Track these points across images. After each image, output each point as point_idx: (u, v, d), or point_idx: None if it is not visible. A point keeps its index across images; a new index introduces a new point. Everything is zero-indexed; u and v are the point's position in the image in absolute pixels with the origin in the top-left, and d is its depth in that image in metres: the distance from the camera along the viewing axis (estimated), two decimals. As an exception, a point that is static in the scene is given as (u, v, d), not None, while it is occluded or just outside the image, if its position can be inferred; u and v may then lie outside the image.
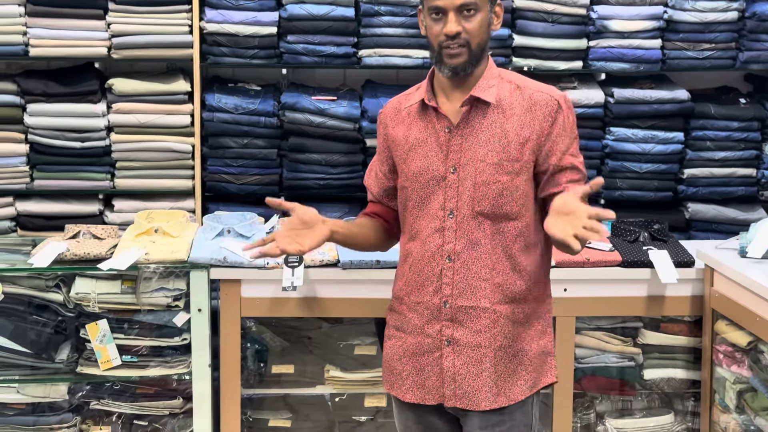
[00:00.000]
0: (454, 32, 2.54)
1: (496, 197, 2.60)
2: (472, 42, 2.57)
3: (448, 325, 2.67)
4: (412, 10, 4.45)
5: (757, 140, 4.62)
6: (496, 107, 2.62)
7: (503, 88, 2.65)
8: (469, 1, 2.54)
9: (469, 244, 2.63)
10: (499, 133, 2.60)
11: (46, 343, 3.81)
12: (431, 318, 2.69)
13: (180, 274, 3.75)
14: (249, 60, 4.47)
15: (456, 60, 2.57)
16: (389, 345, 2.81)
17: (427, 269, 2.68)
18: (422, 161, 2.67)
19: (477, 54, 2.59)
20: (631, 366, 3.98)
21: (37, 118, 4.40)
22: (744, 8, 4.53)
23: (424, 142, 2.67)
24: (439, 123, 2.66)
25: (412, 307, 2.72)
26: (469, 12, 2.55)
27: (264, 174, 4.52)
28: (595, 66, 4.56)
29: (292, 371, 4.04)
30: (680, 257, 3.85)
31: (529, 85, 2.67)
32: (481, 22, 2.57)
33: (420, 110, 2.71)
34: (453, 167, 2.63)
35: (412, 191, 2.69)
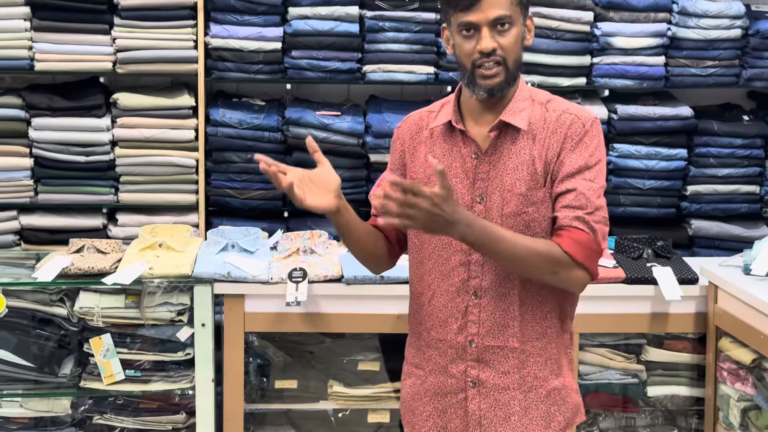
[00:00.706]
0: (490, 49, 2.32)
1: (523, 230, 2.38)
2: (509, 59, 2.35)
3: (474, 365, 2.45)
4: (416, 26, 4.47)
5: (760, 157, 4.63)
6: (525, 133, 2.40)
7: (534, 110, 2.43)
8: (503, 14, 2.32)
9: (497, 280, 2.41)
10: (528, 160, 2.39)
11: (50, 357, 3.80)
12: (455, 357, 2.47)
13: (184, 288, 3.75)
14: (253, 75, 4.48)
15: (492, 80, 2.35)
16: (408, 383, 2.60)
17: (451, 305, 2.46)
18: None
19: (513, 72, 2.38)
20: (635, 383, 3.97)
21: (42, 132, 4.41)
22: (747, 26, 4.55)
23: (448, 168, 2.43)
24: (465, 148, 2.43)
25: (433, 345, 2.51)
26: (503, 26, 2.33)
27: (267, 189, 4.52)
28: (599, 82, 4.57)
29: (295, 386, 4.03)
30: (684, 274, 3.84)
31: (559, 107, 2.44)
32: (516, 36, 2.35)
33: (445, 132, 2.48)
34: (480, 196, 2.41)
35: None
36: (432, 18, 4.46)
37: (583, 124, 2.39)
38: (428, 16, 4.46)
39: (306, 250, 3.96)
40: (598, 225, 2.35)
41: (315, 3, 4.44)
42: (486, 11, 2.31)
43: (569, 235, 2.33)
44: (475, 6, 2.31)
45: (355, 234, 2.54)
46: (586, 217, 2.34)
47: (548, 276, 2.34)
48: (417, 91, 4.78)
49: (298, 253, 3.96)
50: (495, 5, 2.31)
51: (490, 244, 2.27)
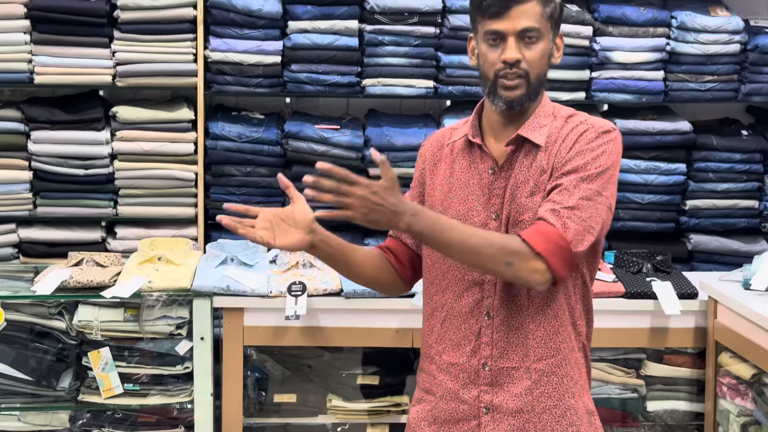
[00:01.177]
0: (514, 59, 2.25)
1: None
2: (532, 73, 2.28)
3: (487, 390, 2.35)
4: (415, 40, 4.47)
5: (759, 172, 4.63)
6: (544, 149, 2.32)
7: (554, 126, 2.35)
8: (532, 26, 2.25)
9: (508, 298, 2.32)
10: (537, 172, 2.31)
11: (48, 370, 3.80)
12: (468, 382, 2.37)
13: (183, 302, 3.75)
14: (253, 88, 4.48)
15: (513, 92, 2.28)
16: (417, 409, 2.48)
17: (464, 327, 2.37)
18: (462, 206, 2.37)
19: (535, 87, 2.30)
20: (635, 397, 3.97)
21: (41, 145, 4.40)
22: (746, 41, 4.55)
23: (466, 184, 2.37)
24: (482, 163, 2.37)
25: (445, 369, 2.40)
26: (530, 39, 2.26)
27: (267, 202, 4.51)
28: (598, 97, 4.57)
29: (294, 400, 4.03)
30: (683, 289, 3.84)
31: (581, 118, 2.37)
32: (542, 51, 2.28)
33: (465, 147, 2.41)
34: (495, 213, 2.33)
35: None
36: (431, 32, 4.47)
37: (596, 132, 2.31)
38: (427, 30, 4.47)
39: (305, 263, 3.96)
40: (571, 222, 2.21)
41: (314, 17, 4.45)
42: (514, 21, 2.25)
43: (535, 227, 2.21)
44: (503, 14, 2.25)
45: (345, 264, 2.47)
46: (562, 210, 2.21)
47: (502, 267, 2.18)
48: (416, 105, 4.79)
49: (298, 267, 3.95)
50: (524, 15, 2.25)
51: (439, 234, 2.16)
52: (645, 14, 4.55)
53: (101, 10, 4.37)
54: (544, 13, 2.27)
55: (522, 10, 2.25)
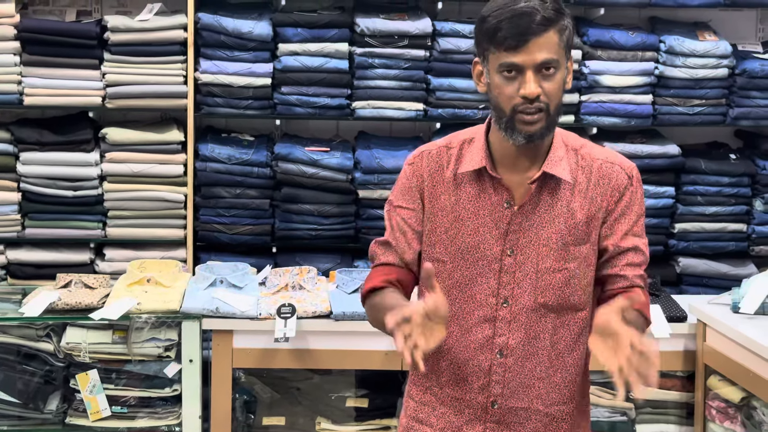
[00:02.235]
0: (535, 95, 2.10)
1: (562, 287, 2.21)
2: (551, 105, 2.13)
3: (494, 427, 2.27)
4: (405, 63, 4.48)
5: (747, 196, 4.65)
6: (567, 183, 2.22)
7: (570, 158, 2.25)
8: (551, 58, 2.11)
9: (526, 339, 2.23)
10: (566, 212, 2.21)
11: (35, 393, 3.78)
12: (473, 418, 2.28)
13: (172, 324, 3.74)
14: (243, 110, 4.49)
15: (533, 127, 2.13)
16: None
17: (472, 363, 2.26)
18: (472, 237, 2.24)
19: (554, 119, 2.17)
20: (624, 421, 3.96)
21: (30, 166, 4.40)
22: (734, 65, 4.58)
23: (476, 215, 2.24)
24: (496, 195, 2.24)
25: (448, 402, 2.31)
26: (548, 70, 2.12)
27: (256, 224, 4.51)
28: (587, 120, 4.59)
29: (282, 423, 4.01)
30: (673, 312, 3.85)
31: (595, 154, 2.26)
32: (561, 81, 2.15)
33: (473, 176, 2.27)
34: (511, 249, 2.22)
35: (455, 269, 2.26)
36: (421, 55, 4.49)
37: (627, 176, 2.24)
38: (417, 53, 4.48)
39: (295, 285, 3.96)
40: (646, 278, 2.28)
41: (305, 39, 4.46)
42: (533, 54, 2.10)
43: (638, 296, 2.06)
44: (522, 47, 2.10)
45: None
46: (644, 273, 2.25)
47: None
48: (406, 127, 4.80)
49: (287, 289, 3.95)
50: (543, 47, 2.10)
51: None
52: (633, 38, 4.57)
53: (91, 31, 4.38)
54: (560, 42, 2.14)
55: (540, 42, 2.10)
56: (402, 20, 4.50)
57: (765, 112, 4.62)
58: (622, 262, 2.22)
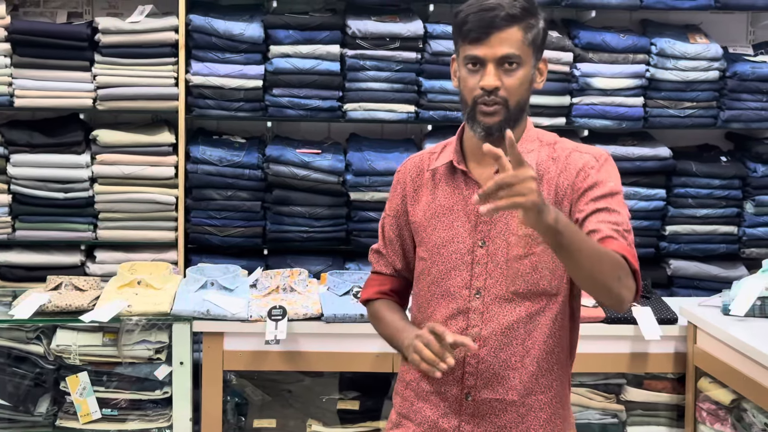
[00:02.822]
0: (492, 86, 2.18)
1: (530, 273, 2.24)
2: (511, 100, 2.21)
3: (469, 420, 2.29)
4: (397, 65, 4.48)
5: (738, 198, 4.66)
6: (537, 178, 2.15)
7: (541, 152, 2.30)
8: (512, 53, 2.19)
9: (499, 329, 2.25)
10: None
11: (25, 395, 3.76)
12: (448, 411, 2.31)
13: (162, 326, 3.73)
14: (234, 112, 4.48)
15: (491, 119, 2.21)
16: (400, 429, 2.41)
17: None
18: (446, 231, 2.30)
19: (515, 114, 2.23)
20: (615, 423, 3.97)
21: (21, 168, 4.39)
22: (725, 68, 4.59)
23: (450, 210, 2.31)
24: (468, 189, 2.30)
25: (424, 396, 2.35)
26: (511, 65, 2.20)
27: (247, 226, 4.51)
28: (578, 123, 4.60)
29: (273, 425, 4.01)
30: (663, 314, 3.85)
31: (568, 146, 2.32)
32: (522, 78, 2.22)
33: (447, 173, 2.35)
34: (482, 240, 2.26)
35: (433, 264, 2.32)
36: (413, 57, 4.49)
37: (596, 158, 2.27)
38: (409, 56, 4.48)
39: (286, 288, 3.95)
40: (631, 247, 2.17)
41: (296, 41, 4.46)
42: (494, 47, 2.18)
43: (617, 244, 2.12)
44: (483, 40, 2.18)
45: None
46: (624, 233, 2.16)
47: (615, 281, 2.07)
48: (397, 129, 4.80)
49: (278, 291, 3.94)
50: (505, 42, 2.18)
51: (575, 233, 2.01)
52: (625, 41, 4.58)
53: (82, 33, 4.37)
54: (525, 39, 2.21)
55: (503, 36, 2.18)
56: (393, 22, 4.50)
57: (756, 114, 4.63)
58: (594, 220, 2.17)
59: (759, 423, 3.40)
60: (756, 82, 4.60)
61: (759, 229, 4.66)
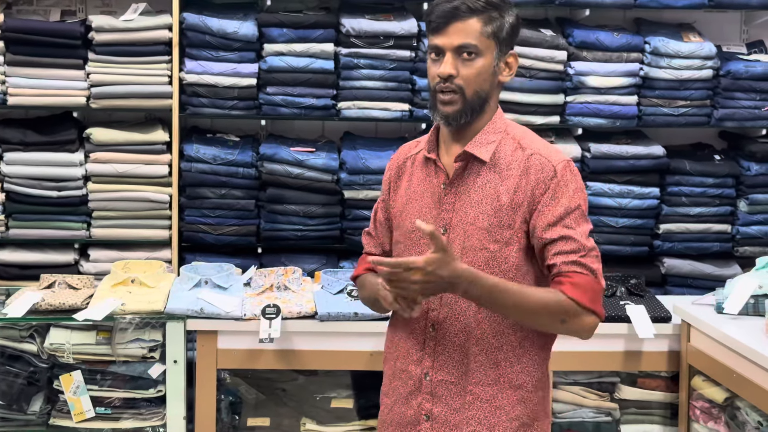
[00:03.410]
0: (446, 74, 2.29)
1: (482, 266, 2.32)
2: (467, 89, 2.31)
3: (428, 398, 2.43)
4: (391, 64, 4.49)
5: (731, 197, 4.67)
6: (492, 166, 2.36)
7: (506, 145, 2.38)
8: (468, 43, 2.29)
9: (452, 315, 2.38)
10: (492, 194, 2.35)
11: (19, 394, 3.75)
12: (413, 389, 2.45)
13: (156, 325, 3.73)
14: (228, 111, 4.48)
15: (448, 108, 2.33)
16: (381, 409, 2.60)
17: (412, 336, 2.45)
18: (416, 216, 2.42)
19: (473, 104, 2.33)
20: (608, 421, 3.97)
21: (14, 166, 4.38)
22: (718, 67, 4.60)
23: (421, 196, 2.44)
24: (437, 177, 2.43)
25: (397, 374, 2.50)
26: (469, 55, 2.30)
27: (241, 225, 4.51)
28: (572, 121, 4.60)
29: (267, 424, 4.01)
30: (657, 312, 3.86)
31: (532, 146, 2.38)
32: (481, 68, 2.31)
33: (422, 161, 2.48)
34: (444, 227, 2.38)
35: (405, 250, 2.45)
36: (407, 56, 4.49)
37: (554, 169, 2.34)
38: (403, 54, 4.48)
39: (279, 286, 3.95)
40: (593, 263, 2.31)
41: (290, 40, 4.46)
42: (452, 36, 2.30)
43: (570, 281, 2.27)
44: (443, 30, 2.31)
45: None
46: (581, 260, 2.29)
47: (557, 325, 2.30)
48: (391, 128, 4.80)
49: (272, 290, 3.94)
50: (461, 32, 2.30)
51: (496, 300, 2.25)
52: (618, 39, 4.59)
53: (76, 31, 4.36)
54: (484, 31, 2.31)
55: (460, 27, 2.30)
56: (387, 21, 4.50)
57: (749, 113, 4.64)
58: (551, 252, 2.31)
59: (752, 421, 3.41)
60: (749, 80, 4.61)
61: (752, 227, 4.67)
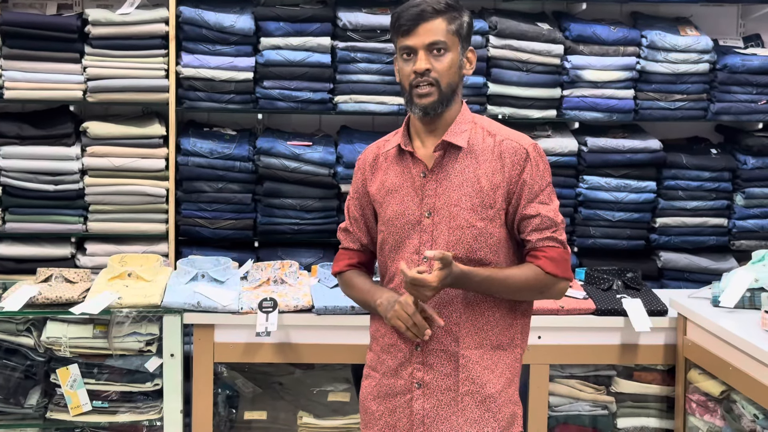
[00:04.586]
0: (423, 69, 2.57)
1: (471, 242, 2.62)
2: (442, 81, 2.59)
3: (419, 368, 2.68)
4: (387, 58, 4.48)
5: (728, 190, 4.67)
6: (468, 152, 2.65)
7: (476, 133, 2.67)
8: (438, 40, 2.58)
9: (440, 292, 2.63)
10: (472, 178, 2.63)
11: (16, 387, 3.76)
12: (404, 360, 2.70)
13: (153, 318, 3.73)
14: (225, 105, 4.48)
15: (426, 99, 2.60)
16: (365, 384, 2.83)
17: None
18: (398, 206, 2.69)
19: (447, 94, 2.62)
20: (605, 414, 3.98)
21: (11, 160, 4.38)
22: (715, 60, 4.60)
23: (401, 187, 2.70)
24: (415, 168, 2.69)
25: (386, 349, 2.74)
26: (439, 51, 2.58)
27: (238, 218, 4.51)
28: (569, 115, 4.60)
29: (264, 417, 4.01)
30: (653, 306, 3.86)
31: (501, 133, 2.68)
32: (450, 62, 2.60)
33: (397, 155, 2.73)
34: (428, 212, 2.65)
35: (389, 235, 2.71)
36: (403, 49, 4.48)
37: (525, 151, 2.64)
38: (400, 48, 4.48)
39: (276, 280, 3.95)
40: (563, 236, 2.67)
41: (287, 33, 4.45)
42: (422, 36, 2.58)
43: (545, 256, 2.63)
44: (413, 31, 2.58)
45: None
46: (554, 234, 2.64)
47: (537, 295, 2.68)
48: (388, 121, 4.79)
49: (269, 283, 3.94)
50: (430, 32, 2.58)
51: (487, 288, 2.62)
52: (615, 33, 4.58)
53: (72, 25, 4.36)
54: (449, 29, 2.60)
55: (429, 27, 2.58)
56: (384, 14, 4.50)
57: (746, 107, 4.64)
58: (528, 228, 2.64)
59: (748, 414, 3.42)
60: (746, 74, 4.61)
61: (749, 221, 4.68)
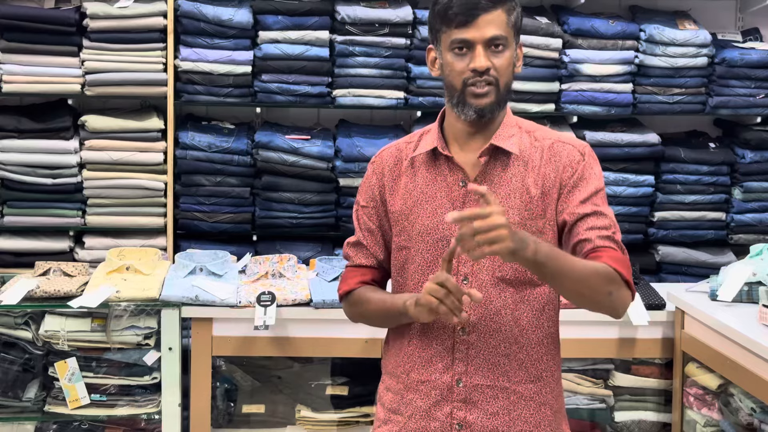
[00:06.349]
0: (485, 67, 2.22)
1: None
2: (501, 80, 2.25)
3: (460, 406, 2.29)
4: (386, 51, 4.48)
5: (726, 184, 4.67)
6: (517, 159, 2.30)
7: (523, 138, 2.33)
8: (500, 34, 2.24)
9: (487, 315, 2.27)
10: (521, 187, 2.28)
11: (14, 381, 3.76)
12: (440, 399, 2.31)
13: (151, 312, 3.73)
14: (223, 98, 4.47)
15: (483, 100, 2.25)
16: (388, 425, 2.40)
17: (435, 343, 2.31)
18: (430, 219, 2.31)
19: (504, 95, 2.28)
20: (602, 408, 3.99)
21: (9, 154, 4.37)
22: (713, 54, 4.59)
23: (433, 197, 2.33)
24: (452, 175, 2.32)
25: (414, 387, 2.34)
26: (498, 47, 2.24)
27: (237, 212, 4.50)
28: (567, 109, 4.60)
29: (262, 411, 4.02)
30: (651, 300, 3.87)
31: (549, 135, 2.35)
32: (509, 59, 2.27)
33: (428, 160, 2.36)
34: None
35: (417, 253, 2.33)
36: (402, 43, 4.48)
37: (580, 153, 2.31)
38: (398, 42, 4.48)
39: (275, 273, 3.95)
40: (620, 240, 2.27)
41: (285, 27, 4.45)
42: (483, 29, 2.23)
43: (607, 255, 2.20)
44: (471, 23, 2.23)
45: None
46: (614, 236, 2.25)
47: (604, 296, 2.18)
48: (387, 115, 4.79)
49: (267, 277, 3.95)
50: (492, 24, 2.24)
51: (555, 261, 2.10)
52: (614, 27, 4.58)
53: (70, 18, 4.35)
54: (509, 21, 2.26)
55: (489, 18, 2.23)
56: (383, 8, 4.50)
57: (744, 101, 4.63)
58: (583, 227, 2.24)
59: (746, 408, 3.42)
60: (744, 68, 4.60)
61: (747, 215, 4.68)
